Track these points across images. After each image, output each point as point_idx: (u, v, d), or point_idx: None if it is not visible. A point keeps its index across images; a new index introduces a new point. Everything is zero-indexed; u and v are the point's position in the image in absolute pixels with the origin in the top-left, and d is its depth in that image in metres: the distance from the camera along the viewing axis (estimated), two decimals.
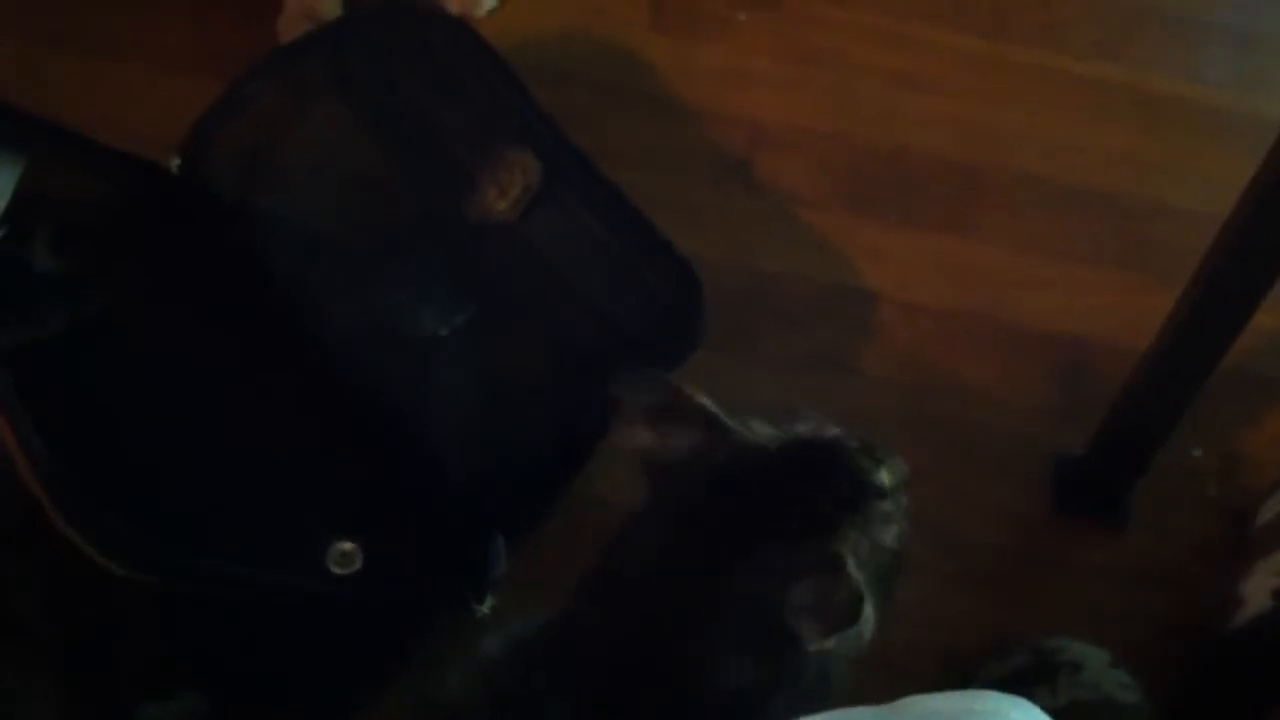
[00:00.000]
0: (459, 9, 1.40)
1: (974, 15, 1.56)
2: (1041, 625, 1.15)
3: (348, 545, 0.95)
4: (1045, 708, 0.77)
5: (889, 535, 0.90)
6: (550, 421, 1.09)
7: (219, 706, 0.96)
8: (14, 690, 0.92)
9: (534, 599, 0.96)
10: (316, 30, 1.25)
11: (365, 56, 1.19)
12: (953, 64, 1.52)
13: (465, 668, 0.91)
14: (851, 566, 0.85)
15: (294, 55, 1.21)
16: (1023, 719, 0.76)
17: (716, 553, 0.88)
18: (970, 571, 1.23)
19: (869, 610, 0.84)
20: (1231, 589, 1.10)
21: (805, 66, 1.50)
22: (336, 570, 0.95)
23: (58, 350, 0.99)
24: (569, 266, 1.11)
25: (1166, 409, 1.18)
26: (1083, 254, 1.42)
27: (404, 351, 1.10)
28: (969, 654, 1.15)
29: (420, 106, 1.16)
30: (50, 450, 0.90)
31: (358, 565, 0.95)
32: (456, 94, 1.16)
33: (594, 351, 1.10)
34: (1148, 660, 1.07)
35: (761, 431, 0.93)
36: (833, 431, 0.94)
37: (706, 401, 0.93)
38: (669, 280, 1.12)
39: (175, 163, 1.13)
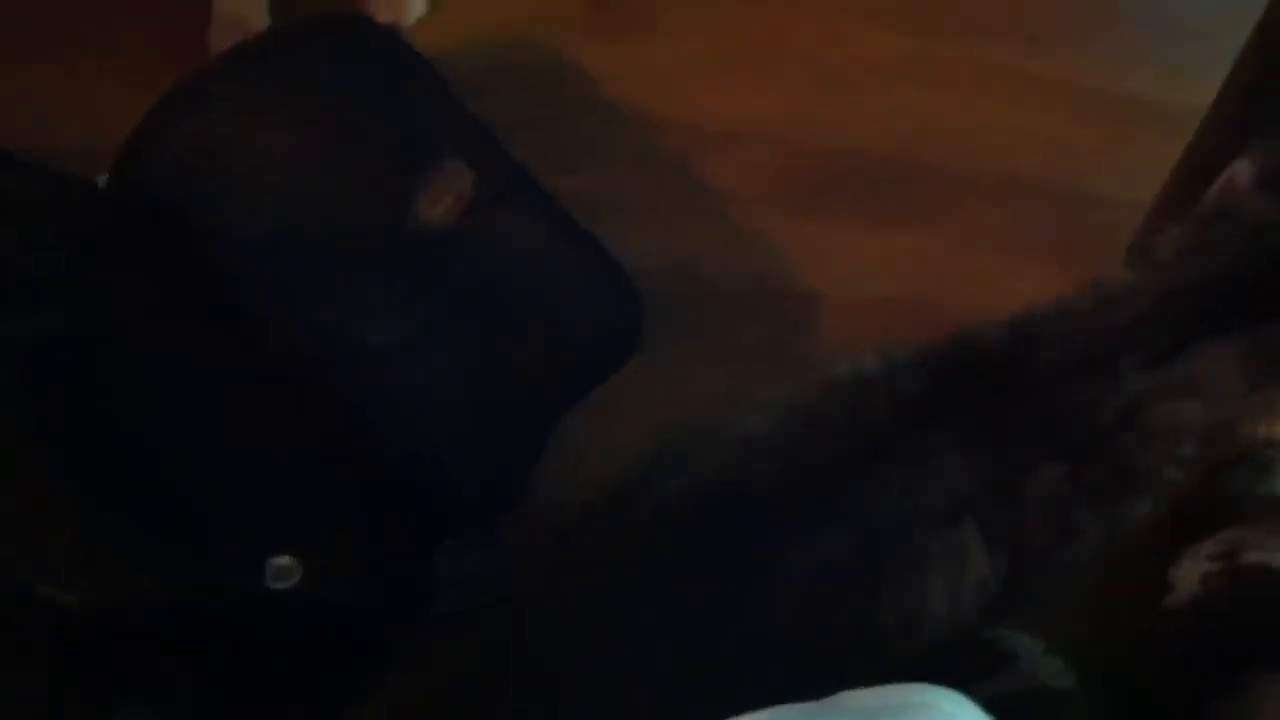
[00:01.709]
0: (388, 17, 1.40)
1: (909, 12, 1.57)
2: None
3: (285, 559, 0.95)
4: (980, 699, 0.78)
5: None
6: (493, 426, 1.10)
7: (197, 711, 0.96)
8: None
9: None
10: (248, 41, 1.25)
11: (299, 67, 1.18)
12: (894, 61, 1.54)
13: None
14: None
15: (226, 66, 1.20)
16: (957, 711, 0.76)
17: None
18: None
19: None
20: (1161, 575, 1.10)
21: (745, 65, 1.51)
22: (275, 585, 0.95)
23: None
24: (507, 272, 1.11)
25: None
26: (1024, 245, 1.43)
27: (346, 360, 1.10)
28: None
29: (354, 117, 1.16)
30: None
31: (296, 579, 0.95)
32: (389, 104, 1.16)
33: (532, 356, 1.10)
34: (1083, 647, 1.07)
35: None
36: None
37: None
38: (605, 284, 1.13)
39: (103, 179, 1.12)
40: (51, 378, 0.97)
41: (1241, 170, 0.96)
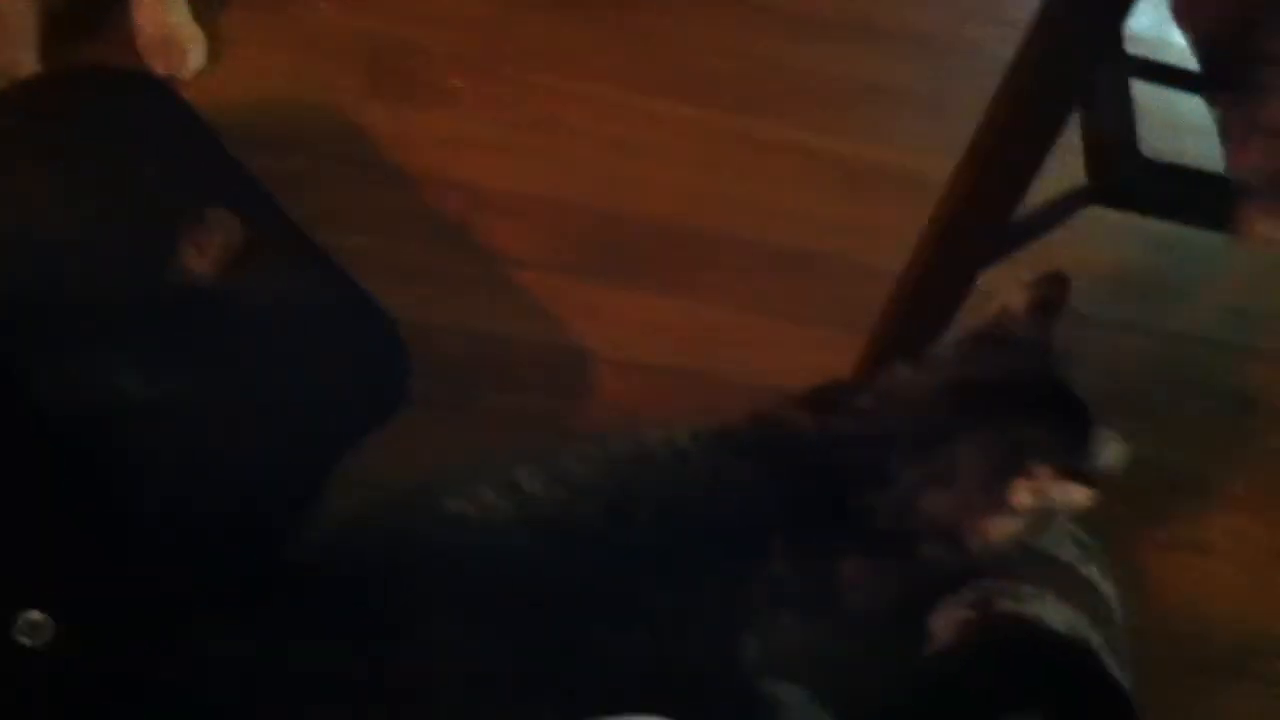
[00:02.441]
0: (164, 70, 1.38)
1: (692, 86, 1.61)
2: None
3: (36, 615, 0.91)
4: None
5: None
6: (256, 478, 1.07)
7: None
8: None
9: None
10: (14, 88, 1.22)
11: (65, 117, 1.16)
12: (671, 132, 1.57)
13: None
14: None
15: None
16: None
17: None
18: None
19: None
20: (919, 623, 1.14)
21: (524, 133, 1.53)
22: (24, 641, 0.91)
23: None
24: (274, 325, 1.10)
25: None
26: (798, 314, 1.47)
27: (103, 414, 1.06)
28: None
29: (121, 168, 1.14)
30: None
31: (48, 636, 0.91)
32: (158, 155, 1.14)
33: (299, 411, 1.08)
34: (850, 694, 1.10)
35: None
36: None
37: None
38: (374, 339, 1.12)
39: None
40: None
41: (1016, 299, 1.13)
